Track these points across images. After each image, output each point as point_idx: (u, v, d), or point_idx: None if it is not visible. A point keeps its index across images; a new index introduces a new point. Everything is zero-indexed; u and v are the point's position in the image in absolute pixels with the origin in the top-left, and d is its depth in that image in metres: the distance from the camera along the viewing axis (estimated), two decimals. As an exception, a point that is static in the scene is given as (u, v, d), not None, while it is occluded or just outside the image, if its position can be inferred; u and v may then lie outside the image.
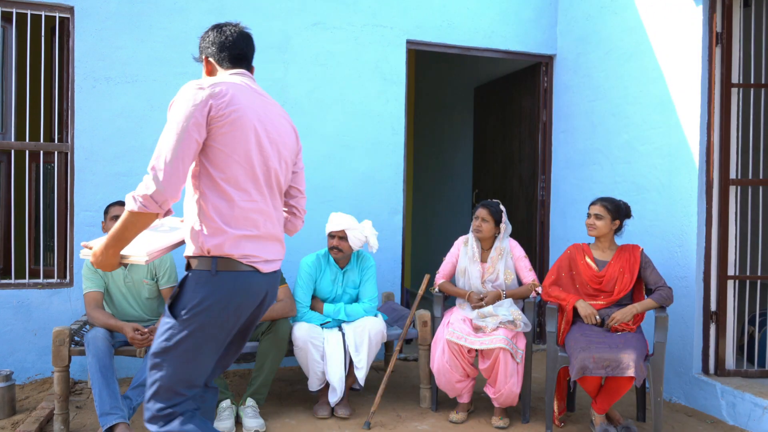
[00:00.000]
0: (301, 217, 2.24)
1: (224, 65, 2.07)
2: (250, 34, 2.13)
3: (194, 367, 1.91)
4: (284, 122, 2.10)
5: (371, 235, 3.55)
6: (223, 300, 1.87)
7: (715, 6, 3.57)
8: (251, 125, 1.93)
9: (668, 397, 3.82)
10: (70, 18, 3.94)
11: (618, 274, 3.35)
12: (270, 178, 2.00)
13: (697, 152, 3.63)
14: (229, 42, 2.06)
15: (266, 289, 2.00)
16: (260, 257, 1.94)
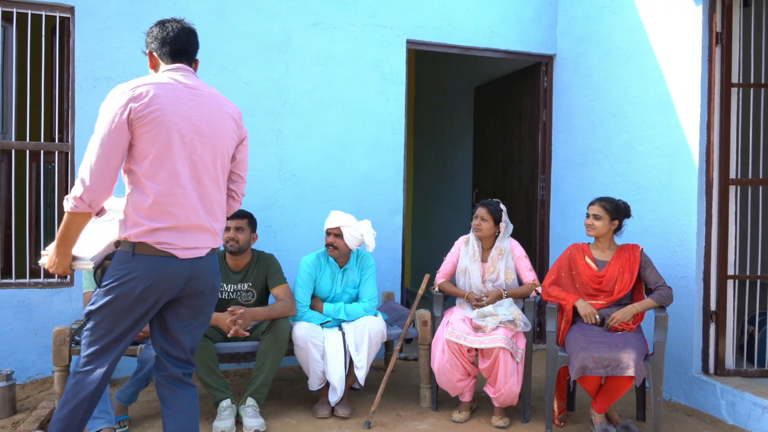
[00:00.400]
0: (238, 200, 2.41)
1: (165, 60, 2.22)
2: (193, 29, 2.27)
3: (115, 332, 2.13)
4: (219, 113, 2.21)
5: (367, 233, 3.54)
6: (138, 278, 2.07)
7: (714, 6, 3.58)
8: (172, 122, 2.08)
9: (668, 396, 3.82)
10: (71, 18, 3.94)
11: (618, 274, 3.35)
12: (197, 170, 2.15)
13: (697, 152, 3.63)
14: (170, 37, 2.21)
15: (188, 273, 2.15)
16: (177, 245, 2.12)
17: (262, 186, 4.28)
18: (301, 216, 4.36)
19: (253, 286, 3.53)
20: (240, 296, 3.52)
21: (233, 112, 2.28)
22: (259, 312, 3.35)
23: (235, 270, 3.53)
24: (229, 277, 3.52)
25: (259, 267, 3.55)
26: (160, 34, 2.22)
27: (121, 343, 2.16)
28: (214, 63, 4.15)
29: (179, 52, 2.22)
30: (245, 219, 3.47)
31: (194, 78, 2.22)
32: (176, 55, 2.22)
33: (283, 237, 4.32)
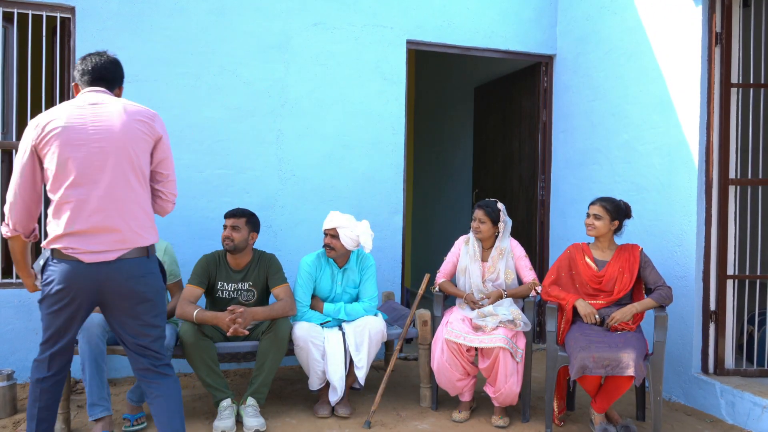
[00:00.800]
0: (168, 200, 2.49)
1: (83, 86, 2.45)
2: (113, 60, 2.49)
3: (52, 328, 2.35)
4: (121, 119, 2.33)
5: (363, 234, 3.52)
6: (54, 282, 2.28)
7: (714, 6, 3.58)
8: (66, 138, 2.26)
9: (668, 396, 3.83)
10: (71, 18, 3.95)
11: (617, 274, 3.36)
12: (99, 175, 2.28)
13: (697, 152, 3.63)
14: (88, 68, 2.44)
15: (96, 276, 2.28)
16: (81, 249, 2.27)
17: (262, 186, 4.28)
18: (301, 216, 4.37)
19: (253, 286, 3.54)
20: (240, 295, 3.53)
21: (143, 116, 2.39)
22: (259, 312, 3.36)
23: (236, 269, 3.53)
24: (230, 277, 3.52)
25: (260, 267, 3.55)
26: (80, 66, 2.45)
27: (62, 338, 2.36)
28: (215, 63, 4.16)
29: (95, 80, 2.43)
30: (243, 218, 3.46)
31: (103, 96, 2.39)
32: (92, 82, 2.43)
33: (283, 237, 4.33)
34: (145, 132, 2.37)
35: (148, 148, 2.38)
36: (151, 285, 2.38)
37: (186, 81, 4.11)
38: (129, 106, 2.39)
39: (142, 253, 2.37)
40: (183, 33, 4.10)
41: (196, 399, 3.73)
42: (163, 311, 2.46)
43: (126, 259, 2.31)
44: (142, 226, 2.37)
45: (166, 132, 2.45)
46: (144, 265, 2.37)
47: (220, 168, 4.20)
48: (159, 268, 2.51)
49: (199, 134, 4.15)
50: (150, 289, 2.38)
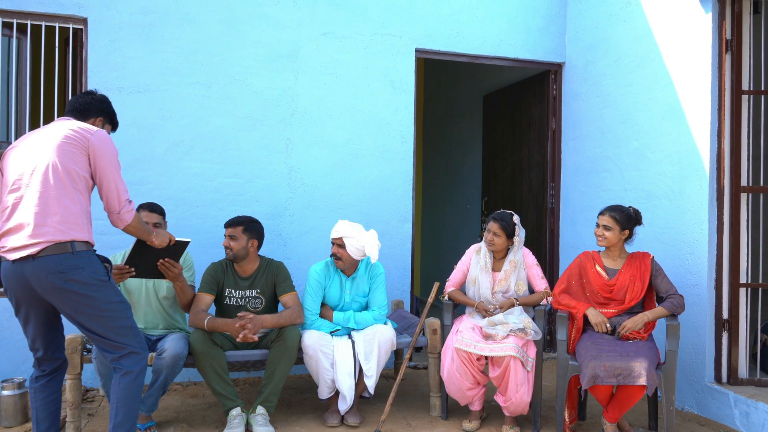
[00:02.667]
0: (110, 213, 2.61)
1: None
2: (91, 94, 2.79)
3: (24, 328, 2.64)
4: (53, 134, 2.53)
5: (369, 245, 3.50)
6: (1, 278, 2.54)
7: (724, 13, 3.57)
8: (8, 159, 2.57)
9: (680, 406, 3.79)
10: (84, 29, 3.99)
11: (629, 282, 3.33)
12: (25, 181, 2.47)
13: (708, 159, 3.61)
14: (68, 102, 2.78)
15: (20, 273, 2.44)
16: (6, 247, 2.46)
17: (272, 195, 4.30)
18: (311, 224, 4.37)
19: (261, 293, 3.54)
20: (249, 303, 3.53)
21: (78, 129, 2.55)
22: (267, 319, 3.37)
23: (243, 276, 3.55)
24: (237, 284, 3.53)
25: (267, 274, 3.56)
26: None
27: (36, 340, 2.63)
28: (225, 73, 4.19)
29: (67, 112, 2.74)
30: (239, 226, 3.48)
31: (61, 121, 2.63)
32: (65, 113, 2.74)
33: (293, 245, 4.33)
34: (73, 139, 2.52)
35: (77, 152, 2.51)
36: (75, 280, 2.44)
37: (196, 90, 4.14)
38: (74, 124, 2.59)
39: (65, 249, 2.44)
40: (193, 43, 4.13)
41: (205, 408, 3.73)
42: (106, 309, 2.52)
43: (46, 256, 2.41)
44: (64, 222, 2.45)
45: (106, 148, 2.57)
46: (66, 261, 2.43)
47: (230, 177, 4.22)
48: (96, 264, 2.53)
49: (209, 143, 4.17)
50: (74, 284, 2.44)
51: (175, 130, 4.12)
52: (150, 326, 3.50)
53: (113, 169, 2.58)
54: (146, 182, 4.05)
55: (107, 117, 2.84)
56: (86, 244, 2.52)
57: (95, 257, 2.56)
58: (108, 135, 2.63)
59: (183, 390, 4.06)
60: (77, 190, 2.51)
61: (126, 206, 2.62)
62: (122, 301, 2.60)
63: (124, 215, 2.61)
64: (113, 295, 2.56)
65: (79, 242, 2.48)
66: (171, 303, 3.51)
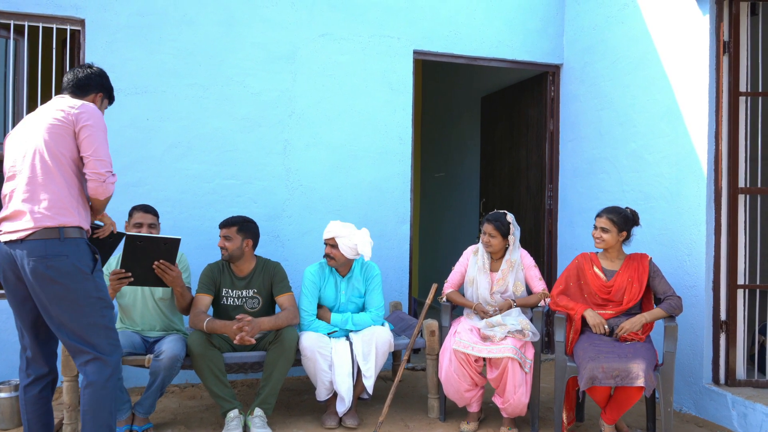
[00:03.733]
0: (94, 179, 2.49)
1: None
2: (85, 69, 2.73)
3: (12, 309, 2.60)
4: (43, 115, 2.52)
5: (362, 243, 3.51)
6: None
7: (722, 15, 3.58)
8: (10, 141, 2.58)
9: (678, 407, 3.79)
10: (81, 30, 3.99)
11: (626, 284, 3.34)
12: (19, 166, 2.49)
13: (705, 161, 3.62)
14: (64, 78, 2.72)
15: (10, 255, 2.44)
16: (2, 231, 2.47)
17: (269, 196, 4.29)
18: (308, 226, 4.37)
19: (258, 293, 3.55)
20: (246, 303, 3.53)
21: (63, 103, 2.53)
22: (264, 322, 3.37)
23: (239, 276, 3.55)
24: (234, 284, 3.53)
25: (264, 274, 3.57)
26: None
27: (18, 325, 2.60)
28: (222, 74, 4.19)
29: (68, 87, 2.69)
30: (233, 227, 3.48)
31: (54, 99, 2.60)
32: (65, 89, 2.69)
33: (291, 247, 4.33)
34: (61, 120, 2.48)
35: (65, 134, 2.48)
36: (55, 267, 2.39)
37: (194, 92, 4.14)
38: (62, 101, 2.55)
39: (52, 235, 2.41)
40: (191, 44, 4.13)
41: (203, 410, 3.73)
42: (82, 303, 2.44)
43: (33, 240, 2.40)
44: (52, 206, 2.43)
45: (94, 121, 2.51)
46: (51, 248, 2.40)
47: (228, 178, 4.22)
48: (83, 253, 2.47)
49: (207, 145, 4.17)
50: (54, 271, 2.39)
51: (173, 131, 4.11)
52: (147, 328, 3.49)
53: (99, 137, 2.51)
54: (144, 183, 4.04)
55: (106, 92, 2.79)
56: (78, 230, 2.48)
57: (85, 246, 2.50)
58: (95, 108, 2.56)
59: (181, 392, 4.05)
60: (65, 174, 2.47)
61: (109, 176, 2.53)
62: (102, 298, 2.51)
63: (109, 185, 2.52)
64: (93, 290, 2.47)
65: (68, 228, 2.44)
66: (168, 304, 3.51)
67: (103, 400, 2.48)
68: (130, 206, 3.59)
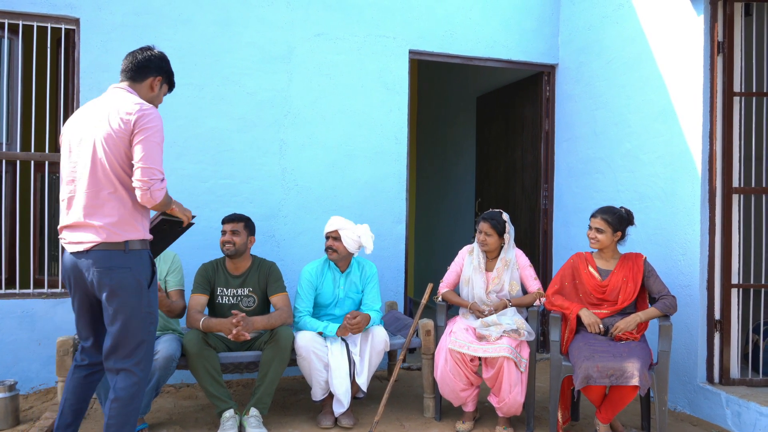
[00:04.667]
0: (139, 187, 2.44)
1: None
2: (137, 51, 2.64)
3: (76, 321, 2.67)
4: (100, 113, 2.47)
5: (364, 235, 3.57)
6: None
7: (716, 15, 3.59)
8: (66, 138, 2.56)
9: (673, 406, 3.80)
10: (76, 30, 3.97)
11: (621, 284, 3.35)
12: (78, 172, 2.48)
13: (700, 161, 3.63)
14: (124, 60, 2.65)
15: (76, 266, 2.49)
16: (66, 240, 2.51)
17: (265, 196, 4.29)
18: (304, 225, 4.37)
19: (253, 292, 3.55)
20: (241, 301, 3.54)
21: (120, 107, 2.45)
22: (258, 321, 3.38)
23: (234, 274, 3.55)
24: (229, 282, 3.54)
25: (259, 272, 3.57)
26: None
27: (81, 330, 2.65)
28: (218, 73, 4.18)
29: (121, 72, 2.63)
30: (241, 222, 3.52)
31: (111, 90, 2.57)
32: (124, 73, 2.63)
33: (286, 246, 4.33)
34: (117, 130, 2.43)
35: (122, 144, 2.44)
36: (117, 279, 2.45)
37: (190, 91, 4.13)
38: (114, 97, 2.50)
39: (117, 247, 2.46)
40: (187, 44, 4.12)
41: (198, 410, 3.72)
42: (134, 319, 2.49)
43: (98, 250, 2.45)
44: (116, 224, 2.46)
45: (145, 123, 2.43)
46: (116, 259, 2.45)
47: (224, 178, 4.21)
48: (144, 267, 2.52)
49: (203, 144, 4.16)
50: (112, 282, 2.44)
51: (169, 131, 4.05)
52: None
53: (153, 142, 2.44)
54: (139, 183, 4.03)
55: (165, 76, 2.70)
56: (141, 243, 2.52)
57: (147, 258, 2.55)
58: (152, 112, 2.47)
59: (176, 392, 4.04)
60: (126, 186, 2.47)
61: (157, 184, 2.45)
62: (151, 313, 2.55)
63: (156, 193, 2.44)
64: (145, 305, 2.52)
65: (133, 241, 2.48)
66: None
67: (128, 416, 2.52)
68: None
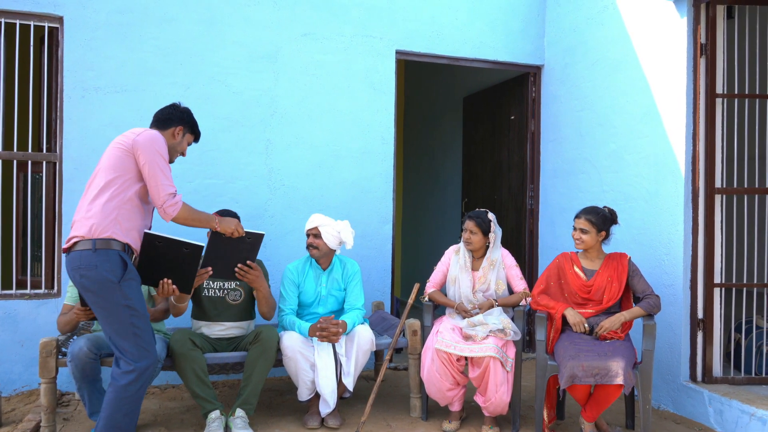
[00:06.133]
0: (156, 205, 2.77)
1: None
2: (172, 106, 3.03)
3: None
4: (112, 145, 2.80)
5: (344, 231, 3.59)
6: None
7: (699, 18, 3.63)
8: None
9: (656, 404, 3.84)
10: (59, 28, 3.93)
11: (606, 283, 3.37)
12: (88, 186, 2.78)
13: (683, 161, 3.67)
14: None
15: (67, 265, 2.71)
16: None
17: (251, 196, 4.27)
18: (291, 225, 4.36)
19: (240, 285, 3.53)
20: (228, 295, 3.51)
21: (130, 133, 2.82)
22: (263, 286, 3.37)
23: None
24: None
25: None
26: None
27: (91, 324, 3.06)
28: (204, 73, 4.16)
29: (153, 121, 3.01)
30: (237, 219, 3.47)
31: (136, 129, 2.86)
32: (151, 124, 3.01)
33: (273, 246, 4.31)
34: (121, 143, 2.77)
35: (124, 156, 2.75)
36: (87, 277, 2.64)
37: (175, 91, 4.10)
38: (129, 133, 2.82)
39: (86, 247, 2.65)
40: (172, 43, 4.10)
41: (184, 411, 3.70)
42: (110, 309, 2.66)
43: (74, 251, 2.67)
44: (81, 217, 2.69)
45: (148, 146, 2.75)
46: (85, 259, 2.64)
47: (210, 178, 4.19)
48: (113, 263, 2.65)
49: (188, 144, 4.13)
50: (86, 281, 2.64)
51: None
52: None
53: (154, 165, 2.73)
54: (124, 183, 3.99)
55: (188, 126, 3.01)
56: (114, 242, 2.68)
57: (117, 257, 2.67)
58: (155, 134, 2.80)
59: (161, 393, 4.02)
60: (112, 192, 2.70)
61: (168, 200, 2.74)
62: (128, 306, 2.67)
63: (168, 209, 2.74)
64: (120, 298, 2.66)
65: (101, 240, 2.65)
66: (150, 305, 3.47)
67: (121, 402, 2.67)
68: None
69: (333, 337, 3.38)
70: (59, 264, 3.91)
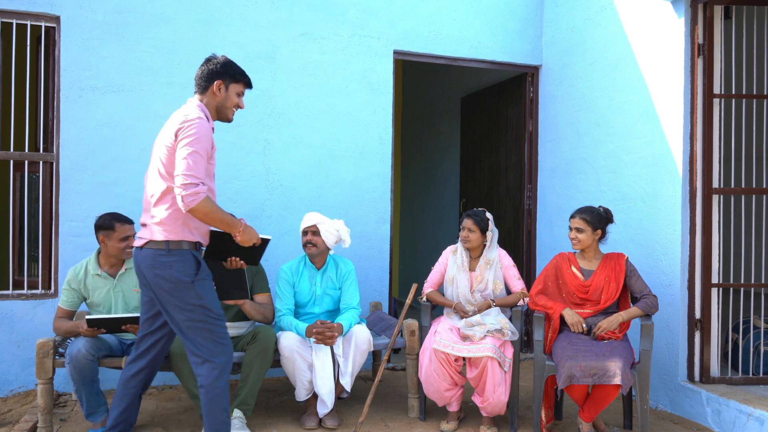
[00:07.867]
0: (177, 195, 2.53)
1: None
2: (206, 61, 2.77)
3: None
4: (166, 125, 2.67)
5: (342, 229, 3.60)
6: None
7: (696, 18, 3.63)
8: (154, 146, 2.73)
9: (654, 404, 3.84)
10: (56, 27, 3.92)
11: (604, 283, 3.37)
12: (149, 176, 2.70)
13: (681, 161, 3.67)
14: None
15: (137, 260, 2.70)
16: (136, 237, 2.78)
17: (249, 196, 4.27)
18: (288, 226, 4.35)
19: None
20: None
21: (175, 119, 2.64)
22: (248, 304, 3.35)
23: None
24: None
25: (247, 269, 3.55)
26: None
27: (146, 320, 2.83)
28: (201, 73, 4.14)
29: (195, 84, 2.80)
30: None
31: (189, 101, 2.75)
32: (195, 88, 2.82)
33: (270, 246, 4.30)
34: (166, 135, 2.62)
35: (172, 154, 2.60)
36: (161, 276, 2.60)
37: (172, 90, 4.09)
38: (182, 109, 2.67)
39: (159, 246, 2.61)
40: (169, 43, 4.09)
41: (181, 411, 3.69)
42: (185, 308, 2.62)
43: (146, 248, 2.64)
44: (152, 220, 2.64)
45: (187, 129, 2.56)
46: (158, 258, 2.60)
47: (207, 178, 4.18)
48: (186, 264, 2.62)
49: (185, 144, 4.12)
50: (160, 279, 2.61)
51: (151, 130, 4.04)
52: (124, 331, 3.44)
53: (185, 152, 2.51)
54: (120, 183, 3.99)
55: (227, 77, 2.76)
56: (186, 243, 2.63)
57: (190, 256, 2.64)
58: (200, 122, 2.58)
59: (158, 394, 4.01)
60: (173, 196, 2.60)
61: (188, 188, 2.46)
62: (202, 305, 2.63)
63: (186, 198, 2.47)
64: (194, 298, 2.62)
65: (174, 241, 2.61)
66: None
67: (216, 399, 2.67)
68: (106, 206, 3.54)
69: (329, 341, 3.37)
70: (56, 264, 3.90)
